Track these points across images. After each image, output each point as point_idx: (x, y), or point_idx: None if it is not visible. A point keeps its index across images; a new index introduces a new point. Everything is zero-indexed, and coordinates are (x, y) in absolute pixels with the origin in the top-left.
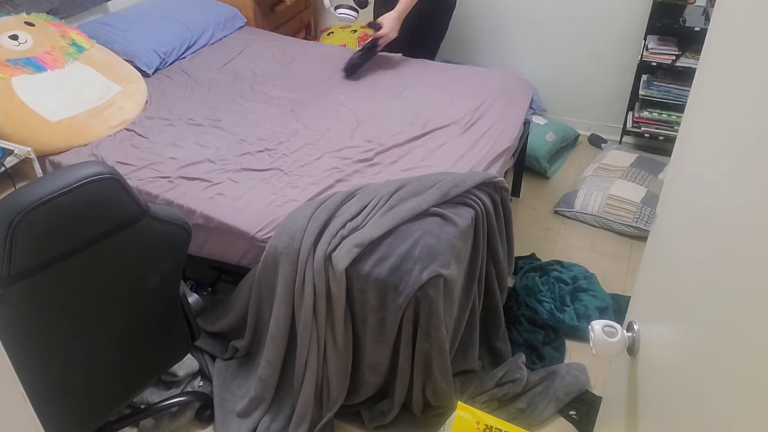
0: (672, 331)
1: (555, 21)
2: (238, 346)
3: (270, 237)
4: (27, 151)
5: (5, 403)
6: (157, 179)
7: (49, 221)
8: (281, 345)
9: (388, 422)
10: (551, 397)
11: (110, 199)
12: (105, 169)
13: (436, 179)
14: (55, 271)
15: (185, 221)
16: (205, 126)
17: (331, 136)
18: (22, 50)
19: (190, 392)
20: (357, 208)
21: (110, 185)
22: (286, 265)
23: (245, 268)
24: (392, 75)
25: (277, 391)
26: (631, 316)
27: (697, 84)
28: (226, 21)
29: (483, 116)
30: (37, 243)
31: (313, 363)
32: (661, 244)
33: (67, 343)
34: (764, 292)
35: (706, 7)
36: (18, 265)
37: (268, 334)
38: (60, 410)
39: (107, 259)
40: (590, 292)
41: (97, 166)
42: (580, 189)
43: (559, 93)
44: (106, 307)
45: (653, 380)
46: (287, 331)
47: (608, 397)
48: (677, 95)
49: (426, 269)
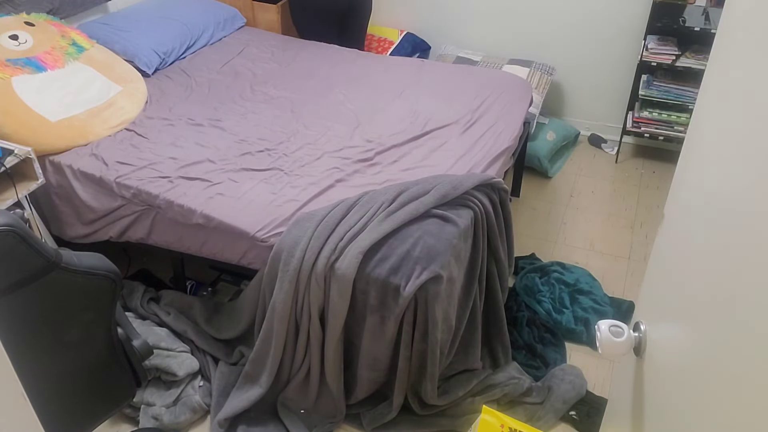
0: (679, 332)
1: (555, 21)
2: (246, 352)
3: (270, 237)
4: (27, 151)
5: (5, 403)
6: (157, 179)
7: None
8: (277, 362)
9: (387, 423)
10: (548, 409)
11: (8, 253)
12: (3, 220)
13: (435, 182)
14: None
15: (109, 270)
16: (205, 126)
17: (331, 136)
18: (22, 50)
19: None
20: (355, 219)
21: (7, 239)
22: (284, 283)
23: (245, 268)
24: (392, 75)
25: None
26: (638, 316)
27: (705, 84)
28: (226, 21)
29: (483, 116)
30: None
31: (314, 375)
32: (669, 244)
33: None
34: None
35: (706, 7)
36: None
37: (270, 355)
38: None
39: (15, 312)
40: (591, 295)
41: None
42: None
43: (559, 93)
44: (30, 356)
45: (660, 381)
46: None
47: (614, 398)
48: (677, 95)
49: (426, 269)
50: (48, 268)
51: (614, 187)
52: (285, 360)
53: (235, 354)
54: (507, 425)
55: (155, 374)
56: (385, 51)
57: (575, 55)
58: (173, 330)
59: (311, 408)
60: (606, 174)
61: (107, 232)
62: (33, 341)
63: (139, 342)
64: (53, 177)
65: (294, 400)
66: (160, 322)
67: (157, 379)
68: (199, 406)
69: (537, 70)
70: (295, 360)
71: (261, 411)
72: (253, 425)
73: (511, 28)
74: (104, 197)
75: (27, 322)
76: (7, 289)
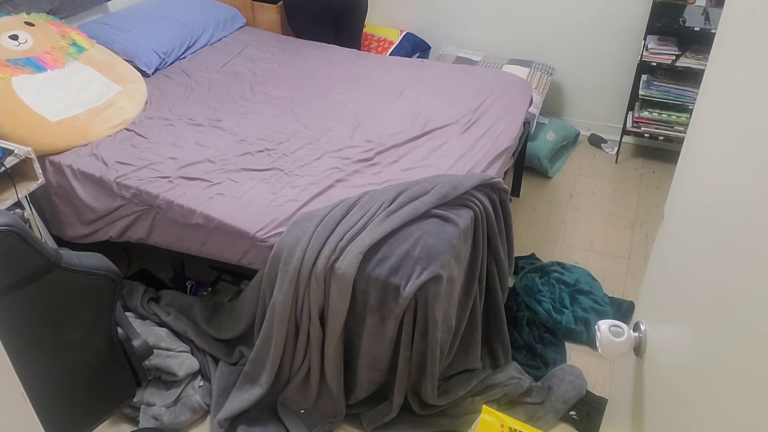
0: (679, 332)
1: (555, 21)
2: (246, 352)
3: (270, 237)
4: (27, 151)
5: (5, 403)
6: (157, 179)
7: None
8: (277, 362)
9: (387, 423)
10: (548, 409)
11: (8, 253)
12: (3, 220)
13: (435, 182)
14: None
15: (109, 270)
16: (205, 126)
17: (331, 135)
18: (22, 50)
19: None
20: (355, 219)
21: (7, 239)
22: (284, 283)
23: (245, 268)
24: (392, 75)
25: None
26: (638, 316)
27: (705, 84)
28: (226, 21)
29: (483, 116)
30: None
31: (314, 377)
32: (669, 244)
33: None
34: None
35: (706, 7)
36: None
37: (270, 356)
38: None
39: (15, 312)
40: (591, 295)
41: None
42: None
43: (559, 93)
44: (30, 356)
45: (660, 381)
46: (284, 347)
47: (614, 398)
48: (677, 95)
49: (426, 269)
50: (48, 268)
51: (614, 187)
52: (285, 360)
53: (235, 354)
54: (507, 425)
55: (155, 374)
56: (385, 51)
57: (575, 55)
58: (173, 330)
59: (311, 408)
60: (606, 174)
61: (107, 232)
62: (33, 341)
63: (139, 342)
64: (53, 177)
65: (294, 400)
66: (160, 322)
67: (157, 379)
68: (199, 406)
69: (537, 70)
70: (295, 360)
71: (261, 411)
72: (253, 425)
73: (511, 28)
74: (104, 197)
75: (27, 322)
76: (7, 289)
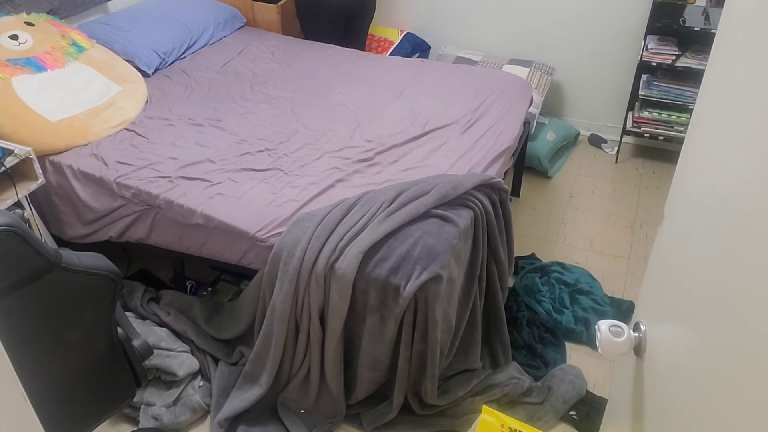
0: (679, 332)
1: (555, 21)
2: (246, 352)
3: (270, 237)
4: (27, 151)
5: (5, 403)
6: (157, 179)
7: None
8: (277, 362)
9: (387, 423)
10: (548, 409)
11: (8, 253)
12: (3, 220)
13: (435, 182)
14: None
15: (109, 270)
16: (205, 126)
17: (331, 136)
18: (22, 50)
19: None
20: (355, 219)
21: (7, 239)
22: (284, 283)
23: (245, 268)
24: (392, 75)
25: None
26: (638, 316)
27: (705, 84)
28: (226, 21)
29: (483, 116)
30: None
31: (314, 377)
32: (669, 244)
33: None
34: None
35: (706, 7)
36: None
37: (270, 354)
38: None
39: (15, 312)
40: (591, 295)
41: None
42: None
43: (559, 93)
44: (30, 356)
45: (660, 381)
46: (284, 345)
47: (614, 398)
48: (677, 95)
49: (426, 269)
50: (48, 268)
51: (614, 187)
52: (285, 360)
53: (235, 354)
54: (507, 425)
55: (155, 374)
56: (385, 51)
57: (575, 55)
58: (173, 330)
59: (311, 408)
60: (606, 174)
61: (107, 232)
62: (33, 341)
63: (139, 342)
64: (53, 177)
65: (294, 400)
66: (160, 322)
67: (157, 379)
68: (199, 406)
69: (537, 70)
70: (295, 360)
71: (261, 411)
72: (253, 425)
73: (511, 28)
74: (104, 197)
75: (27, 323)
76: (7, 289)
